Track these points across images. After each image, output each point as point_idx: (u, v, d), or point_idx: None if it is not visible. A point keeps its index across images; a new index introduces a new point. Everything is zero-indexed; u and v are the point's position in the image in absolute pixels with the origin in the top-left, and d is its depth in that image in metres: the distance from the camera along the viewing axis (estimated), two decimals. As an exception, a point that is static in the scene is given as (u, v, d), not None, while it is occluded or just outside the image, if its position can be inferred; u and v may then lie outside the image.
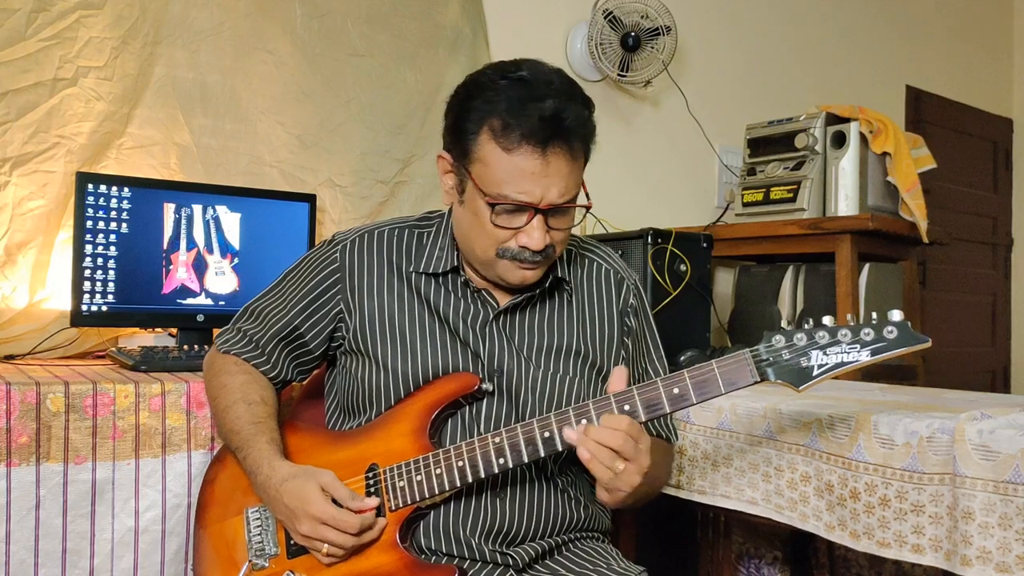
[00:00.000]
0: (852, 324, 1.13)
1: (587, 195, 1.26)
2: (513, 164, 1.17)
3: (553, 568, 1.30)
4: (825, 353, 1.13)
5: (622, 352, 1.39)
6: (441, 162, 1.28)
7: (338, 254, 1.36)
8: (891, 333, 1.11)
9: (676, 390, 1.16)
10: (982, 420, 1.24)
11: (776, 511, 1.48)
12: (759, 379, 1.15)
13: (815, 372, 1.13)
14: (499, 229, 1.21)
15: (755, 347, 1.16)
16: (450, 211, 1.36)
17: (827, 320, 1.14)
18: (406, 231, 1.38)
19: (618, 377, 1.19)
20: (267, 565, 1.27)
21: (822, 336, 1.13)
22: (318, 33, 2.27)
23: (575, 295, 1.37)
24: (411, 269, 1.34)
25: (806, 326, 1.15)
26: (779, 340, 1.15)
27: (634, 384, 1.40)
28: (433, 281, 1.33)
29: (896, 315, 1.12)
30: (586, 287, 1.39)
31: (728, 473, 1.56)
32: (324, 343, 1.38)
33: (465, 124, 1.20)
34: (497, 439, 1.20)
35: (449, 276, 1.34)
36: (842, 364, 1.13)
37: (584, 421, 1.16)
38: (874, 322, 1.12)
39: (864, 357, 1.12)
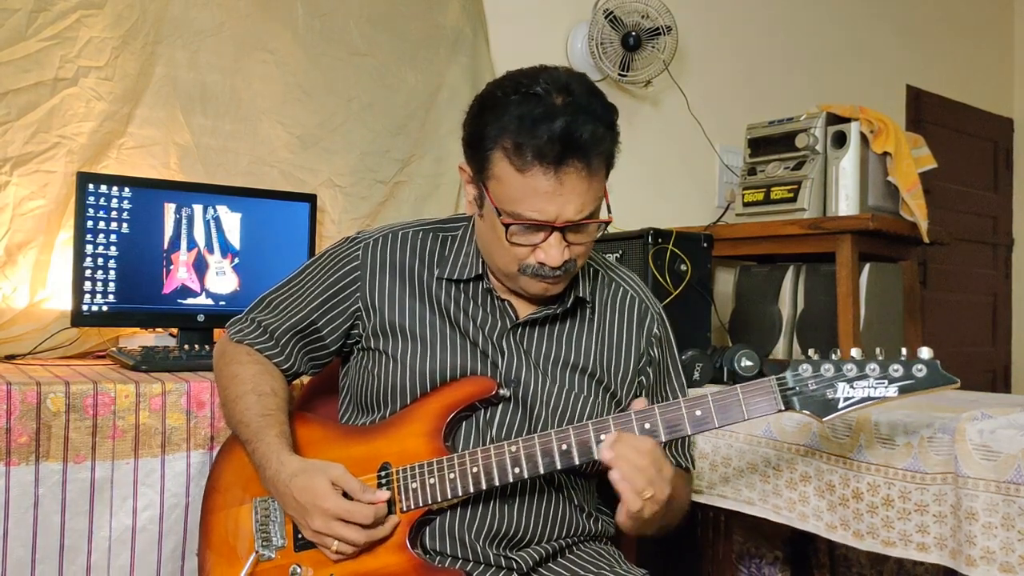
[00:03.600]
0: (880, 359, 1.13)
1: (608, 207, 1.24)
2: (526, 184, 1.15)
3: (557, 572, 1.30)
4: (852, 386, 1.12)
5: (640, 379, 1.38)
6: (462, 173, 1.27)
7: (360, 252, 1.35)
8: (920, 371, 1.11)
9: (698, 412, 1.16)
10: (983, 420, 1.24)
11: (773, 511, 1.48)
12: (784, 408, 1.15)
13: (840, 405, 1.13)
14: (516, 247, 1.21)
15: (781, 375, 1.15)
16: None
17: (855, 352, 1.13)
18: (430, 234, 1.37)
19: (636, 407, 1.19)
20: (273, 556, 1.27)
21: (850, 369, 1.13)
22: (319, 33, 2.27)
23: (596, 316, 1.37)
24: (433, 275, 1.33)
25: (833, 357, 1.14)
26: (806, 369, 1.14)
27: None
28: (455, 287, 1.33)
29: (926, 353, 1.11)
30: (609, 312, 1.38)
31: (726, 473, 1.56)
32: (340, 339, 1.37)
33: (480, 140, 1.19)
34: (514, 448, 1.19)
35: (472, 283, 1.33)
36: (868, 399, 1.12)
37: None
38: (903, 358, 1.12)
39: (891, 393, 1.11)
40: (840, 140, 2.55)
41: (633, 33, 2.73)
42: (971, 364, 4.28)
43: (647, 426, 1.17)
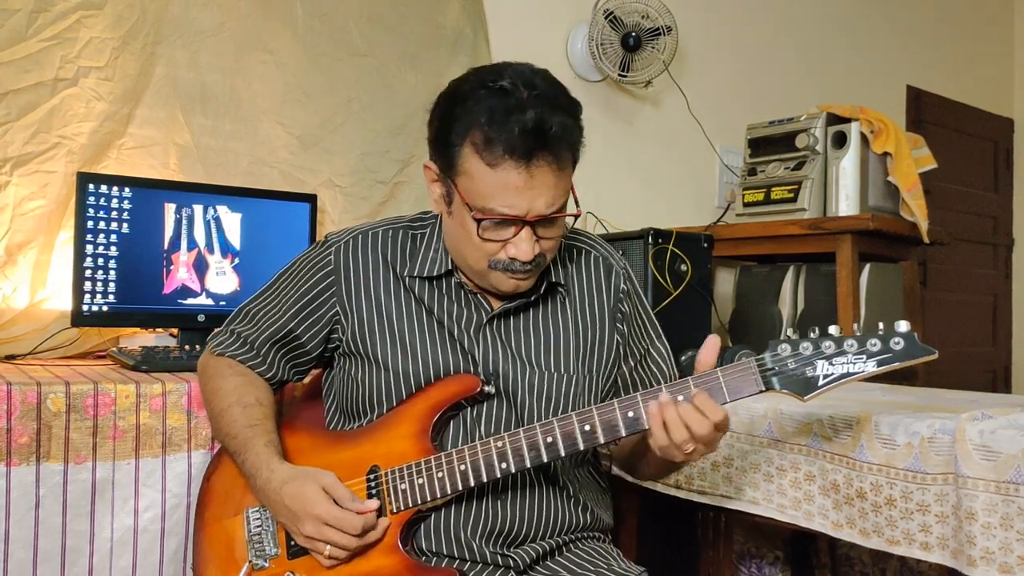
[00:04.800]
0: (858, 334, 1.12)
1: (576, 201, 1.24)
2: (497, 178, 1.14)
3: (554, 569, 1.30)
4: (831, 363, 1.12)
5: (616, 338, 1.37)
6: (427, 172, 1.26)
7: (332, 256, 1.34)
8: (897, 344, 1.10)
9: (681, 397, 1.16)
10: (983, 420, 1.23)
11: (779, 510, 1.48)
12: (764, 388, 1.15)
13: (820, 382, 1.12)
14: (487, 242, 1.20)
15: (760, 356, 1.15)
16: None
17: (833, 329, 1.13)
18: (400, 232, 1.37)
19: (710, 347, 1.18)
20: (267, 565, 1.27)
21: (828, 346, 1.12)
22: (319, 33, 2.27)
23: (569, 294, 1.37)
24: (405, 272, 1.33)
25: (812, 335, 1.14)
26: (784, 349, 1.14)
27: (636, 370, 1.40)
28: (427, 284, 1.33)
29: (903, 326, 1.11)
30: (576, 279, 1.37)
31: (729, 473, 1.56)
32: (320, 345, 1.37)
33: (448, 136, 1.18)
34: (499, 443, 1.19)
35: (443, 279, 1.33)
36: (848, 375, 1.12)
37: (631, 413, 1.17)
38: (880, 332, 1.11)
39: (870, 368, 1.11)
40: (840, 140, 2.55)
41: (633, 33, 2.73)
42: (971, 364, 4.27)
43: (631, 414, 1.17)
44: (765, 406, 1.51)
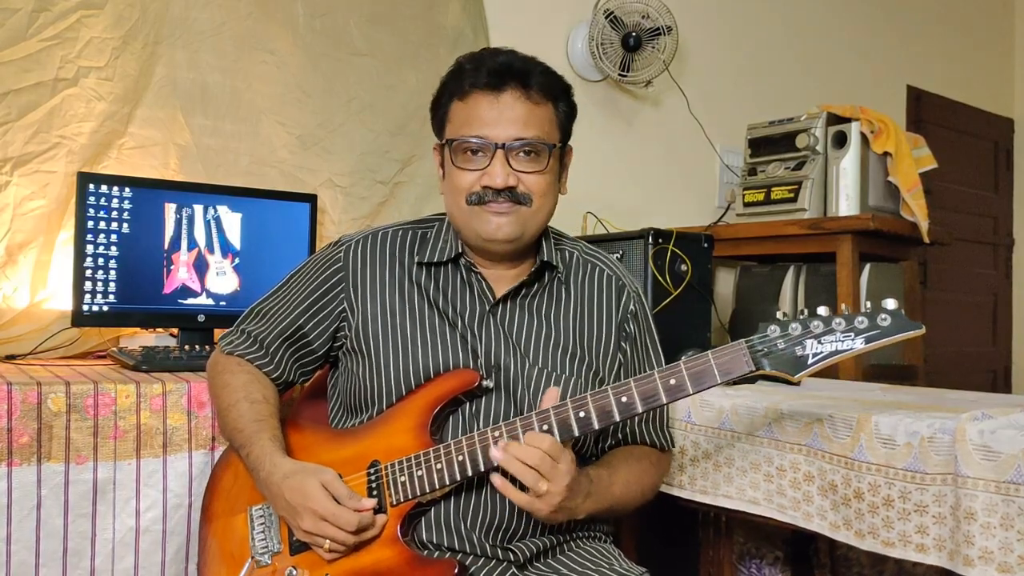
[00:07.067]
0: (847, 313, 1.14)
1: (561, 145, 1.33)
2: (469, 110, 1.27)
3: (555, 567, 1.30)
4: (820, 342, 1.13)
5: (619, 357, 1.40)
6: (435, 152, 1.37)
7: (342, 254, 1.38)
8: (885, 320, 1.12)
9: (673, 381, 1.17)
10: (983, 420, 1.23)
11: (779, 511, 1.48)
12: (755, 368, 1.16)
13: (810, 361, 1.14)
14: (464, 171, 1.28)
15: (750, 337, 1.17)
16: None
17: (822, 310, 1.15)
18: (410, 231, 1.41)
19: (550, 397, 1.20)
20: (269, 562, 1.28)
21: (817, 325, 1.14)
22: (319, 33, 2.27)
23: (574, 293, 1.39)
24: (414, 262, 1.36)
25: (801, 316, 1.15)
26: (774, 330, 1.16)
27: None
28: (434, 272, 1.36)
29: (890, 303, 1.13)
30: (586, 290, 1.40)
31: (730, 473, 1.56)
32: (327, 343, 1.39)
33: (439, 106, 1.33)
34: (496, 433, 1.20)
35: (450, 265, 1.36)
36: (837, 352, 1.13)
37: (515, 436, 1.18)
38: (868, 310, 1.13)
39: (859, 345, 1.13)
40: (840, 140, 2.55)
41: (633, 33, 2.73)
42: (971, 364, 4.27)
43: (624, 399, 1.17)
44: (765, 405, 1.51)
